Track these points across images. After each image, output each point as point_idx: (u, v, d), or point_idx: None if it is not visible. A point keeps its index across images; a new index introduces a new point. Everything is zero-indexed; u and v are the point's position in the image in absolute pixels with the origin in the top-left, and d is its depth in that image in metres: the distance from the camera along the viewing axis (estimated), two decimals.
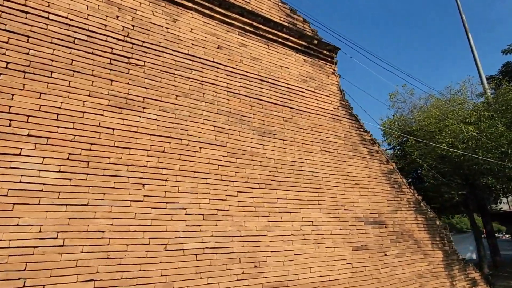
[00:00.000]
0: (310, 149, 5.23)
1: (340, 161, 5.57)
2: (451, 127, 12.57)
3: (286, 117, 5.15)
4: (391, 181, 6.23)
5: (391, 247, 5.61)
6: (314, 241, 4.69)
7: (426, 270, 5.97)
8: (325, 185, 5.17)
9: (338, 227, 5.05)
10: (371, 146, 6.20)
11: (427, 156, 13.02)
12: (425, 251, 6.14)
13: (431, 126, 13.27)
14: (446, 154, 12.09)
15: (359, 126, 6.18)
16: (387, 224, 5.75)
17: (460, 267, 6.61)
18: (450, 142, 12.09)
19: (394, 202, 6.08)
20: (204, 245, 3.73)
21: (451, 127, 12.57)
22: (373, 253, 5.31)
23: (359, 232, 5.28)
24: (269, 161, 4.68)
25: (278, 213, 4.47)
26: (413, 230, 6.14)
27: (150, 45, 4.12)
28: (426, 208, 6.66)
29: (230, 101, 4.60)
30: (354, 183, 5.59)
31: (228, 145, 4.36)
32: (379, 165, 6.17)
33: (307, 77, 5.75)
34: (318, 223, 4.83)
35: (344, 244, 5.01)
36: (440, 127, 12.82)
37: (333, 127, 5.74)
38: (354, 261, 5.00)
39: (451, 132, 12.45)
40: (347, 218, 5.23)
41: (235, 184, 4.22)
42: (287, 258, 4.33)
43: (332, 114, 5.83)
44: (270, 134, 4.84)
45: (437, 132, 12.67)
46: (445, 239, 6.65)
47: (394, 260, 5.54)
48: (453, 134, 12.35)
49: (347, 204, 5.32)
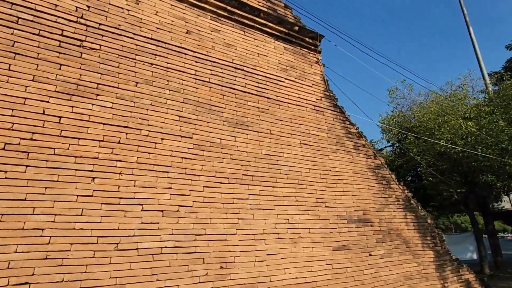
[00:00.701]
0: (288, 142, 4.94)
1: (322, 155, 5.28)
2: (450, 122, 12.24)
3: (262, 107, 4.86)
4: (378, 177, 5.93)
5: (376, 247, 5.32)
6: (290, 240, 4.41)
7: (415, 271, 5.67)
8: (304, 180, 4.88)
9: (318, 225, 4.76)
10: (357, 140, 5.90)
11: (425, 153, 12.70)
12: (415, 251, 5.84)
13: (430, 122, 12.94)
14: (445, 150, 11.77)
15: (344, 119, 5.88)
16: (373, 223, 5.45)
17: (453, 268, 6.31)
18: (448, 138, 11.77)
19: (381, 199, 5.78)
20: (163, 244, 3.45)
21: (450, 122, 12.24)
22: (356, 253, 5.02)
23: (341, 231, 4.99)
24: (241, 154, 4.39)
25: (250, 210, 4.19)
26: (402, 229, 5.84)
27: (107, 28, 3.84)
28: (417, 205, 6.36)
29: (198, 90, 4.32)
30: (337, 179, 5.30)
31: (195, 137, 4.08)
32: (365, 159, 5.87)
33: (287, 66, 5.45)
34: (295, 221, 4.55)
35: (324, 243, 4.73)
36: (439, 123, 12.49)
37: (315, 119, 5.44)
38: (334, 262, 4.72)
39: (450, 128, 12.12)
40: (328, 216, 4.94)
41: (201, 179, 3.94)
42: (259, 258, 4.05)
43: (315, 106, 5.54)
44: (243, 126, 4.56)
45: (436, 128, 12.34)
46: (436, 238, 6.35)
47: (379, 261, 5.25)
48: (452, 130, 12.02)
49: (328, 201, 5.03)
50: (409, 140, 13.46)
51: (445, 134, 11.92)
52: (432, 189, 12.45)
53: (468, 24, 16.93)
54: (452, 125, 12.12)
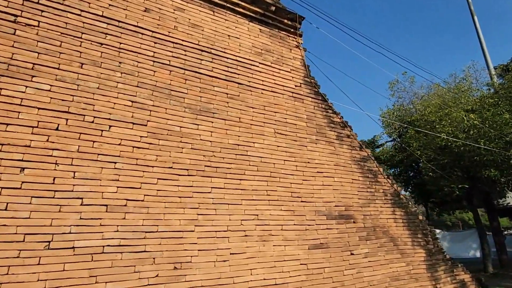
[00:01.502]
0: (260, 131, 4.55)
1: (300, 145, 4.88)
2: (452, 115, 11.71)
3: (231, 93, 4.48)
4: (364, 170, 5.52)
5: (359, 245, 4.92)
6: (259, 238, 4.04)
7: (404, 272, 5.27)
8: (277, 173, 4.50)
9: (292, 221, 4.38)
10: (340, 130, 5.49)
11: (426, 147, 12.20)
12: (403, 249, 5.44)
13: (431, 115, 12.42)
14: (446, 144, 11.26)
15: (326, 107, 5.47)
16: (356, 219, 5.06)
17: (446, 267, 5.89)
18: (450, 131, 11.25)
19: (367, 194, 5.38)
20: (105, 242, 3.11)
21: (452, 115, 11.71)
22: (336, 252, 4.63)
23: (319, 228, 4.60)
24: (205, 143, 4.02)
25: (212, 204, 3.82)
26: (389, 226, 5.43)
27: (49, 3, 3.48)
28: (407, 201, 5.93)
29: (156, 73, 3.95)
30: (316, 171, 4.90)
31: (150, 124, 3.72)
32: (349, 151, 5.46)
33: (262, 50, 5.05)
34: (265, 217, 4.17)
35: (298, 241, 4.35)
36: (441, 116, 11.97)
37: (293, 106, 5.04)
38: (310, 262, 4.34)
39: (452, 121, 11.60)
40: (304, 212, 4.55)
41: (155, 170, 3.58)
42: (221, 258, 3.69)
43: (293, 92, 5.13)
44: (208, 113, 4.18)
45: (437, 121, 11.83)
46: (429, 236, 5.92)
47: (362, 260, 4.85)
48: (454, 123, 11.50)
49: (305, 195, 4.64)
50: (410, 134, 12.96)
51: (446, 127, 11.41)
52: (432, 184, 11.94)
53: (472, 13, 16.30)
54: (453, 118, 11.60)
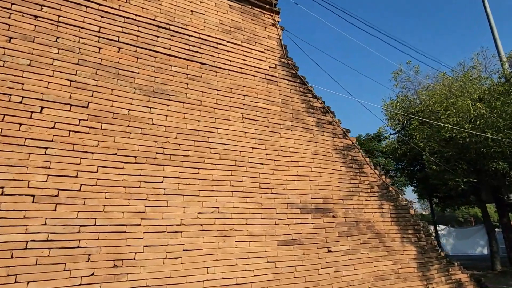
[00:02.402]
0: (225, 116, 4.14)
1: (272, 132, 4.45)
2: (457, 104, 11.06)
3: (192, 74, 4.07)
4: (347, 160, 5.05)
5: (339, 242, 4.49)
6: (218, 233, 3.65)
7: (390, 271, 4.81)
8: (243, 161, 4.09)
9: (259, 215, 3.98)
10: (321, 116, 5.03)
11: (429, 139, 11.58)
12: (391, 247, 4.97)
13: (436, 105, 11.77)
14: (450, 136, 10.63)
15: (305, 91, 5.01)
16: (336, 213, 4.61)
17: (440, 266, 5.40)
18: (455, 121, 10.61)
19: (350, 186, 4.92)
20: (29, 237, 2.76)
21: (457, 104, 11.06)
22: (310, 248, 4.21)
23: (291, 222, 4.18)
24: (157, 128, 3.64)
25: (163, 195, 3.45)
26: (375, 221, 4.97)
27: None
28: (397, 194, 5.45)
29: (102, 50, 3.57)
30: (291, 161, 4.47)
31: (92, 106, 3.35)
32: (331, 139, 5.00)
33: (232, 27, 4.62)
34: (227, 209, 3.78)
35: (266, 237, 3.94)
36: (446, 106, 11.31)
37: (265, 89, 4.61)
38: (279, 259, 3.94)
39: (457, 111, 10.95)
40: (275, 204, 4.14)
41: (95, 157, 3.22)
42: (171, 254, 3.32)
43: (266, 74, 4.70)
44: (163, 95, 3.79)
45: (443, 111, 11.19)
46: (421, 232, 5.44)
47: (342, 258, 4.42)
48: (460, 112, 10.85)
49: (276, 186, 4.22)
50: (413, 126, 12.33)
51: (451, 117, 10.77)
52: (435, 178, 11.32)
53: None
54: (459, 107, 10.94)
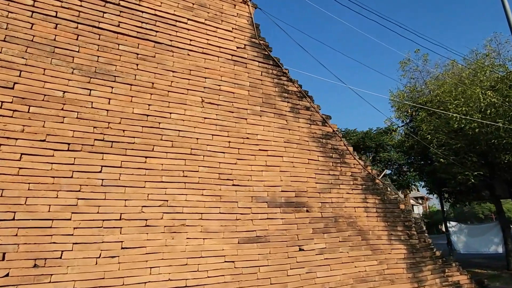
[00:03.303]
0: (181, 100, 3.70)
1: (237, 118, 3.99)
2: (467, 93, 10.22)
3: (144, 54, 3.65)
4: (326, 149, 4.52)
5: (313, 239, 3.99)
6: (166, 229, 3.23)
7: (374, 272, 4.28)
8: (201, 150, 3.64)
9: (217, 209, 3.53)
10: (296, 101, 4.52)
11: (437, 130, 10.79)
12: (376, 245, 4.43)
13: (444, 95, 10.95)
14: (459, 126, 9.82)
15: (279, 74, 4.51)
16: (311, 207, 4.11)
17: (435, 267, 4.81)
18: (464, 111, 9.80)
19: (329, 177, 4.40)
20: None
21: (467, 93, 10.22)
22: (278, 247, 3.74)
23: (255, 218, 3.72)
24: (98, 113, 3.24)
25: (101, 187, 3.05)
26: (358, 216, 4.43)
27: None
28: (385, 186, 4.88)
29: (35, 26, 3.19)
30: (258, 149, 4.00)
31: (18, 87, 2.98)
32: (308, 126, 4.48)
33: (194, 4, 4.16)
34: (177, 203, 3.35)
35: (225, 233, 3.50)
36: (455, 95, 10.50)
37: (231, 72, 4.14)
38: (239, 259, 3.48)
39: (466, 100, 10.12)
40: (236, 198, 3.68)
41: (18, 143, 2.85)
42: (107, 253, 2.92)
43: (233, 55, 4.22)
44: (107, 76, 3.39)
45: (451, 101, 10.38)
46: (412, 229, 4.85)
47: (316, 258, 3.93)
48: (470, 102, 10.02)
49: (239, 177, 3.76)
50: (421, 117, 11.55)
51: (460, 107, 9.96)
52: (443, 172, 10.53)
53: None
54: (468, 96, 10.11)
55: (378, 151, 21.58)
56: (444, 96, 10.91)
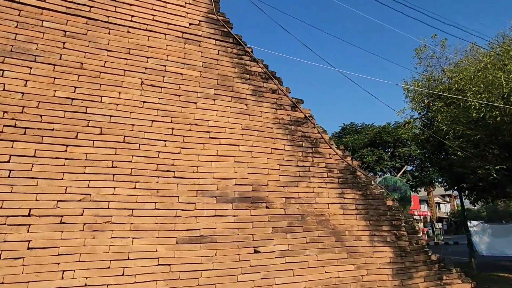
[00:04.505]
0: (116, 82, 3.24)
1: (184, 102, 3.46)
2: (487, 78, 9.05)
3: (72, 31, 3.21)
4: (295, 137, 3.89)
5: (273, 240, 3.40)
6: (87, 227, 2.77)
7: (350, 278, 3.61)
8: (136, 137, 3.16)
9: (152, 205, 3.03)
10: (260, 83, 3.91)
11: (454, 120, 9.67)
12: (354, 247, 3.75)
13: (464, 82, 9.79)
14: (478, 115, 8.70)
15: (240, 53, 3.92)
16: (272, 203, 3.51)
17: (429, 273, 4.04)
18: (484, 98, 8.68)
19: (296, 169, 3.77)
20: None
21: (487, 78, 9.05)
22: (227, 248, 3.19)
23: (200, 215, 3.18)
24: (10, 96, 2.84)
25: (7, 178, 2.65)
26: (331, 214, 3.77)
27: None
28: (368, 180, 4.16)
29: None
30: (208, 137, 3.45)
31: None
32: (273, 111, 3.87)
33: None
34: (102, 197, 2.89)
35: (160, 232, 2.99)
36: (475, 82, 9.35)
37: (180, 51, 3.62)
38: (177, 261, 2.97)
39: (486, 86, 8.96)
40: (178, 192, 3.16)
41: None
42: (8, 254, 2.53)
43: (184, 33, 3.70)
44: (25, 55, 2.98)
45: (469, 87, 9.26)
46: (402, 229, 4.11)
47: (275, 261, 3.33)
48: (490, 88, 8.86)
49: (182, 168, 3.24)
50: (437, 107, 10.44)
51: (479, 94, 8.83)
52: (460, 166, 9.41)
53: None
54: (489, 81, 8.94)
55: (397, 146, 20.22)
56: (463, 83, 9.75)
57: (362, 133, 21.44)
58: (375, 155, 19.37)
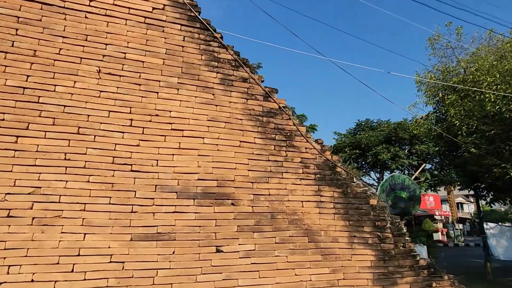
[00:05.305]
0: (71, 71, 3.43)
1: (145, 91, 3.64)
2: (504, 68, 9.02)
3: (26, 17, 3.42)
4: (267, 129, 4.03)
5: (238, 239, 3.55)
6: (36, 222, 2.99)
7: (324, 282, 3.74)
8: (92, 129, 3.35)
9: (106, 199, 3.22)
10: (229, 71, 4.06)
11: (469, 115, 9.66)
12: (330, 248, 3.88)
13: (479, 72, 9.75)
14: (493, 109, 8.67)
15: (208, 39, 4.07)
16: (239, 200, 3.66)
17: (416, 279, 4.15)
18: (501, 89, 8.65)
19: (268, 164, 3.90)
20: None
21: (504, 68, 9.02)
22: (187, 246, 3.36)
23: (158, 210, 3.36)
24: None
25: None
26: (306, 213, 3.90)
27: None
28: (350, 176, 4.26)
29: None
30: (170, 129, 3.62)
31: None
32: (243, 101, 4.01)
33: None
34: (54, 190, 3.09)
35: (114, 228, 3.18)
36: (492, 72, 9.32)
37: (142, 37, 3.79)
38: (131, 259, 3.16)
39: (503, 76, 8.93)
40: (135, 186, 3.34)
41: None
42: None
43: (147, 18, 3.87)
44: None
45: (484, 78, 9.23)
46: (387, 230, 4.21)
47: (239, 262, 3.49)
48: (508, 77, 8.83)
49: (141, 162, 3.42)
50: (450, 101, 10.43)
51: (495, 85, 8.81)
52: (474, 164, 9.39)
53: None
54: (506, 71, 8.90)
55: (414, 143, 20.16)
56: (479, 74, 9.71)
57: (377, 129, 21.46)
58: (390, 152, 19.40)
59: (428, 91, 12.15)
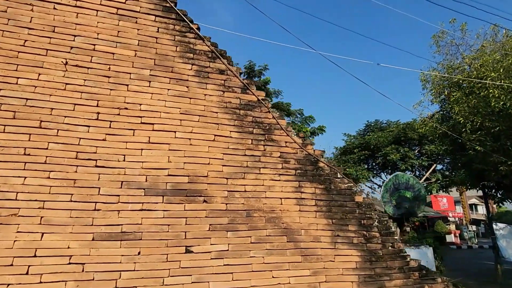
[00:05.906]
0: (36, 63, 3.18)
1: (114, 84, 3.36)
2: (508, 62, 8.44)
3: None
4: (244, 122, 3.70)
5: (210, 238, 3.22)
6: None
7: (304, 285, 3.38)
8: (54, 123, 3.08)
9: (67, 196, 2.95)
10: (205, 63, 3.74)
11: (472, 111, 9.08)
12: (310, 249, 3.51)
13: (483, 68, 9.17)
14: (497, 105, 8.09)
15: (184, 30, 3.77)
16: (211, 197, 3.34)
17: (406, 282, 3.74)
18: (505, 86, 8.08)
19: (244, 159, 3.57)
20: None
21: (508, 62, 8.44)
22: (154, 247, 3.05)
23: (124, 208, 3.06)
24: None
25: None
26: (284, 210, 3.55)
27: None
28: (333, 172, 3.88)
29: None
30: (139, 122, 3.33)
31: None
32: (219, 93, 3.69)
33: None
34: (11, 187, 2.85)
35: (74, 227, 2.90)
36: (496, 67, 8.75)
37: (113, 28, 3.52)
38: (92, 260, 2.87)
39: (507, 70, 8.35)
40: (99, 182, 3.06)
41: None
42: None
43: (119, 9, 3.59)
44: None
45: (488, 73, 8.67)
46: (374, 229, 3.81)
47: (211, 263, 3.16)
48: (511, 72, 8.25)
49: (106, 157, 3.13)
50: (455, 98, 9.86)
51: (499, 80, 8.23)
52: (479, 162, 8.80)
53: None
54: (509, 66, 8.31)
55: (423, 143, 19.46)
56: (483, 69, 9.12)
57: (386, 130, 20.90)
58: (399, 153, 18.82)
59: (434, 89, 11.57)
